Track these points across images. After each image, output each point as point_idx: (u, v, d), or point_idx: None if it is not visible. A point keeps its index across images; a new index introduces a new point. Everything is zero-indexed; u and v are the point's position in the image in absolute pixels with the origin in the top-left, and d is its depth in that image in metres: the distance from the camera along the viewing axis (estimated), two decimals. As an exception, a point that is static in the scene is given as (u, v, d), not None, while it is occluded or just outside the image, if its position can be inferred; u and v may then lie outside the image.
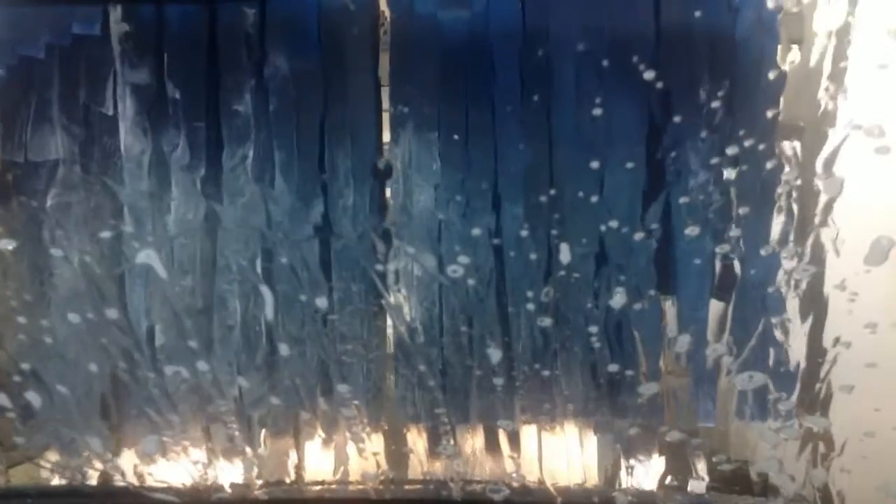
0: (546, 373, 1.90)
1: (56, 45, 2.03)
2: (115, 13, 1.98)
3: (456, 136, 1.91)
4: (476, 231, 1.89)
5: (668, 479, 1.84)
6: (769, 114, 1.63)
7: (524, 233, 1.89)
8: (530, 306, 1.87)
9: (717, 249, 1.72)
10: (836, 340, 1.61)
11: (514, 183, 1.91)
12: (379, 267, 1.92)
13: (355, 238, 1.95)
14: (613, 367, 1.86)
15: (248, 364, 1.97)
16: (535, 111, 1.90)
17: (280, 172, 1.99)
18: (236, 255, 1.99)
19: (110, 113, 2.02)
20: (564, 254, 1.83)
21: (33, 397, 1.85)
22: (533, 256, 1.87)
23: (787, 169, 1.63)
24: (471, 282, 1.88)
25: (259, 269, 1.99)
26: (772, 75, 1.65)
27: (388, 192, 1.98)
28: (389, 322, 1.99)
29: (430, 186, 1.93)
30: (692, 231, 1.72)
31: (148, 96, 2.01)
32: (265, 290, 1.97)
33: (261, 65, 2.00)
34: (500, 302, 1.91)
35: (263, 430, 1.97)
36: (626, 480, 1.87)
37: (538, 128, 1.90)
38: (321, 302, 1.94)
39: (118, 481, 1.84)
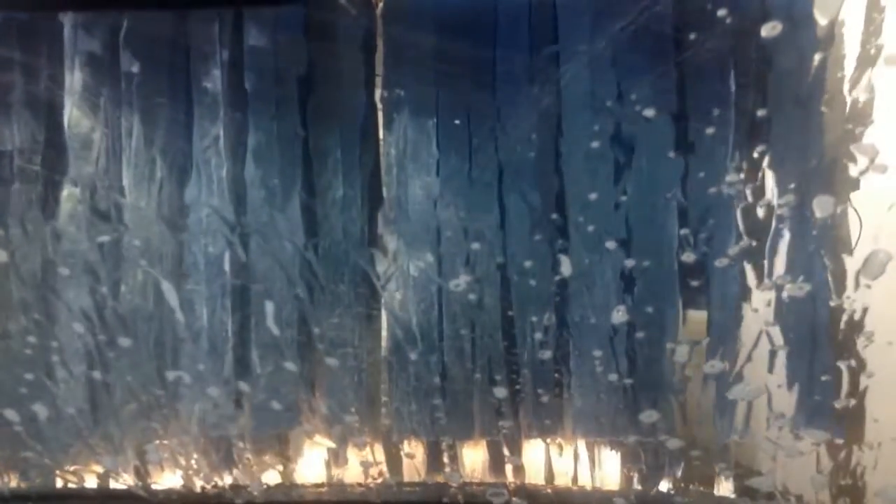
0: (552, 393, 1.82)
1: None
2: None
3: (457, 122, 1.79)
4: (478, 226, 1.79)
5: (667, 484, 1.81)
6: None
7: (532, 229, 1.78)
8: (537, 333, 1.80)
9: (717, 263, 1.69)
10: (835, 353, 1.59)
11: (521, 172, 1.80)
12: (372, 267, 1.81)
13: (345, 235, 1.82)
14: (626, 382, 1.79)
15: (216, 372, 1.85)
16: (543, 91, 1.79)
17: (256, 158, 1.84)
18: (203, 251, 1.85)
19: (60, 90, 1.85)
20: (565, 266, 1.76)
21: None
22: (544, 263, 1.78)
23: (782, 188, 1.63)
24: (472, 296, 1.79)
25: (227, 267, 1.84)
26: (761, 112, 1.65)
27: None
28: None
29: (427, 177, 1.80)
30: (689, 256, 1.71)
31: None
32: (234, 289, 1.85)
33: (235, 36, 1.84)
34: (504, 314, 1.81)
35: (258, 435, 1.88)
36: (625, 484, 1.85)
37: (546, 110, 1.79)
38: (306, 305, 1.82)
39: (119, 484, 1.82)
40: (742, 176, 1.65)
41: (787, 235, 1.63)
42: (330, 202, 1.82)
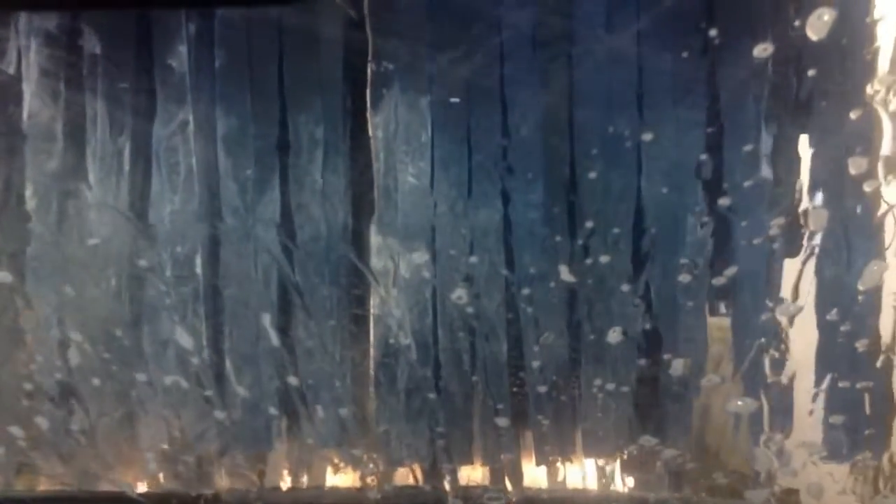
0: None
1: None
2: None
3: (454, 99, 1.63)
4: (480, 220, 1.64)
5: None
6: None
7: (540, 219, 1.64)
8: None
9: (713, 281, 1.64)
10: (829, 367, 1.60)
11: (527, 156, 1.64)
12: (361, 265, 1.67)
13: (325, 228, 1.67)
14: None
15: (185, 384, 1.72)
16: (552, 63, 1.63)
17: (227, 144, 1.68)
18: (172, 250, 1.70)
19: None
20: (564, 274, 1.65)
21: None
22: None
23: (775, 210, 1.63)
24: (470, 303, 1.65)
25: (200, 268, 1.70)
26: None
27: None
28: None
29: (420, 163, 1.64)
30: (685, 278, 1.65)
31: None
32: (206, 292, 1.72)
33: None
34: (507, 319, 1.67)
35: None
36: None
37: (556, 86, 1.64)
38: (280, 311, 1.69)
39: (114, 488, 1.77)
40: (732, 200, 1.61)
41: (783, 252, 1.62)
42: (310, 191, 1.66)
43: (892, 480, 1.60)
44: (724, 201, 1.59)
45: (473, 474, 1.78)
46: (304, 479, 1.81)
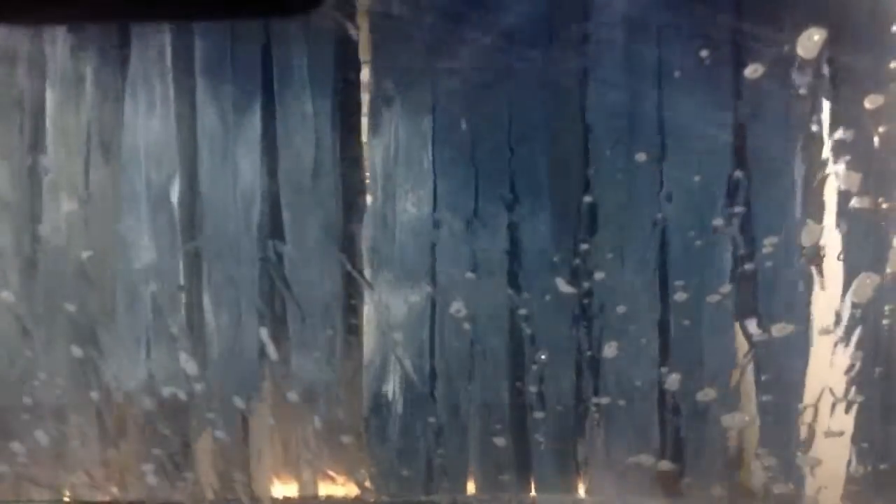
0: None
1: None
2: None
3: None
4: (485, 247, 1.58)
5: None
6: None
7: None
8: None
9: (708, 299, 1.62)
10: (825, 380, 1.62)
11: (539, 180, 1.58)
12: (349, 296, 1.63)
13: (313, 241, 1.61)
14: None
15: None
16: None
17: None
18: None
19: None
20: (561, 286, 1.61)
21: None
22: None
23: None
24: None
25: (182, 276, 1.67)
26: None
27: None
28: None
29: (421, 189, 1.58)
30: (681, 296, 1.63)
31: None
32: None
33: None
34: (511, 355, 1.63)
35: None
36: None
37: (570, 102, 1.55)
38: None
39: (103, 496, 1.79)
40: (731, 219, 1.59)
41: (779, 269, 1.61)
42: (300, 218, 1.60)
43: (889, 493, 1.61)
44: (718, 221, 1.56)
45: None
46: (298, 490, 1.81)
